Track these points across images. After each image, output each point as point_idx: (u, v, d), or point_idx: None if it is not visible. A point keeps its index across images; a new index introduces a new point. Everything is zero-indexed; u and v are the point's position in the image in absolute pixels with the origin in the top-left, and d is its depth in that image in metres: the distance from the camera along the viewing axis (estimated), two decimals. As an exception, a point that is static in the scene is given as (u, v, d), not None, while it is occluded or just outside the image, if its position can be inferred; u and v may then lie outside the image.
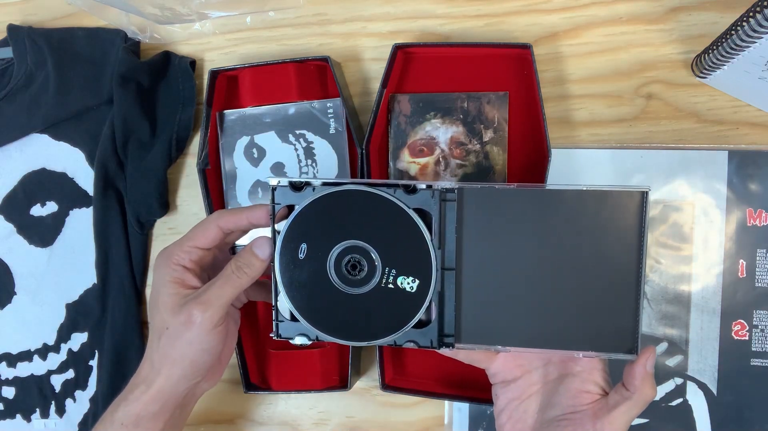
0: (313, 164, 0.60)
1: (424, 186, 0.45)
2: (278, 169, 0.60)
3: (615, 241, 0.44)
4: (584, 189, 0.44)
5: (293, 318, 0.47)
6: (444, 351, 0.47)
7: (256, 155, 0.61)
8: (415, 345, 0.46)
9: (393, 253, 0.45)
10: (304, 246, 0.46)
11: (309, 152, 0.60)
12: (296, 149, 0.60)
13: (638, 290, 0.43)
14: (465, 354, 0.49)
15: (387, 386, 0.57)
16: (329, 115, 0.59)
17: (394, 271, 0.45)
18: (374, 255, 0.45)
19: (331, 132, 0.59)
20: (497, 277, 0.45)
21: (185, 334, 0.46)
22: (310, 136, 0.60)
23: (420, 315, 0.45)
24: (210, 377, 0.50)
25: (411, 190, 0.45)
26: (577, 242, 0.44)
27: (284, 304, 0.47)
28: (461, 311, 0.46)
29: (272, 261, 0.47)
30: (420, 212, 0.45)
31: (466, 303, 0.46)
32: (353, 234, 0.45)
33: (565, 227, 0.44)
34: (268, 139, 0.60)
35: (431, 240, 0.45)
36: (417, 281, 0.45)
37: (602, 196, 0.44)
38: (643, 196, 0.43)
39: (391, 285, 0.45)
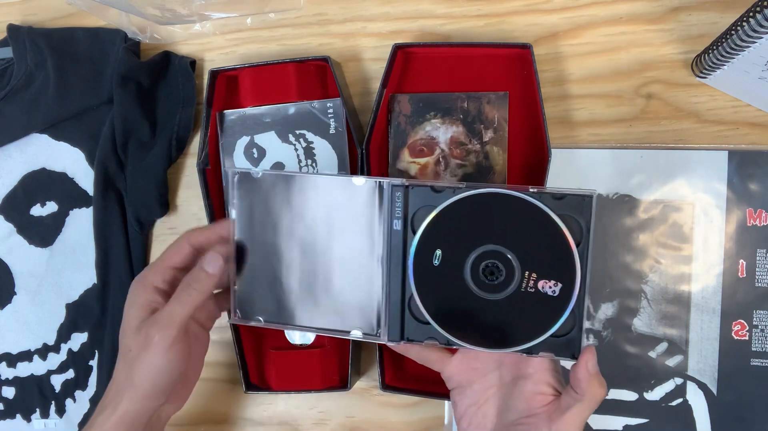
0: (314, 164, 0.60)
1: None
2: (278, 168, 0.60)
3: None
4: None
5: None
6: (394, 346, 0.48)
7: (256, 155, 0.61)
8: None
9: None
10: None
11: (309, 152, 0.60)
12: (296, 149, 0.60)
13: (580, 294, 0.44)
14: (417, 352, 0.49)
15: (387, 386, 0.57)
16: (329, 115, 0.59)
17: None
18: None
19: (331, 132, 0.59)
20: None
21: (144, 355, 0.47)
22: (310, 135, 0.60)
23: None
24: (174, 399, 0.50)
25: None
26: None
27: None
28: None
29: (232, 271, 0.49)
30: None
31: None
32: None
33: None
34: (268, 139, 0.60)
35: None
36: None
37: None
38: (587, 199, 0.43)
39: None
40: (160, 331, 0.46)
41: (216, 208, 0.60)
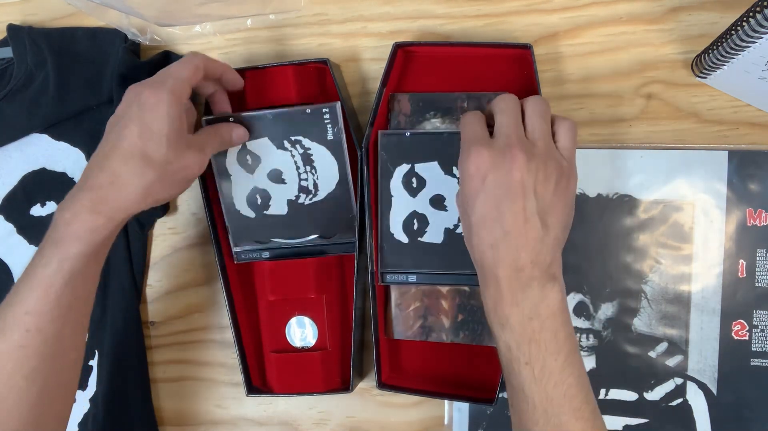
0: (312, 170, 0.59)
1: None
2: (276, 175, 0.59)
3: None
4: None
5: None
6: None
7: (250, 162, 0.59)
8: None
9: None
10: None
11: (306, 158, 0.59)
12: (293, 155, 0.59)
13: None
14: None
15: (383, 385, 0.57)
16: (326, 120, 0.58)
17: None
18: None
19: (329, 138, 0.58)
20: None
21: (182, 173, 0.51)
22: (306, 142, 0.58)
23: None
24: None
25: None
26: None
27: None
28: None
29: None
30: None
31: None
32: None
33: None
34: (262, 146, 0.58)
35: None
36: None
37: None
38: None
39: None
40: (195, 156, 0.51)
41: (216, 209, 0.60)
